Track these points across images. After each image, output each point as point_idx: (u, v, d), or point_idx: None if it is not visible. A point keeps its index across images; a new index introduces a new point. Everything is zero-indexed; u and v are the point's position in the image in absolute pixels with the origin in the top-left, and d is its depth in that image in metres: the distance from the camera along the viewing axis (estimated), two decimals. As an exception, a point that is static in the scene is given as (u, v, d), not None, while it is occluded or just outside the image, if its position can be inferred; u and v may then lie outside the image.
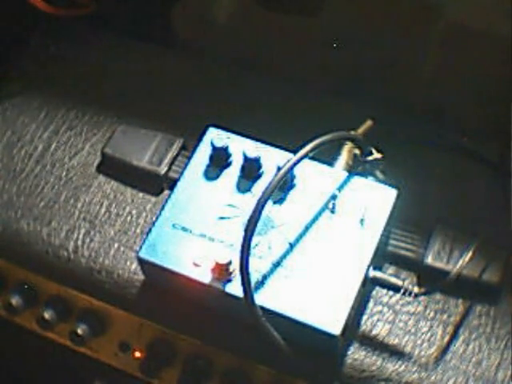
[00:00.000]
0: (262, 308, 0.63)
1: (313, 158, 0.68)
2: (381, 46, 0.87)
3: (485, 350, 0.67)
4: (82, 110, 0.82)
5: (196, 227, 0.68)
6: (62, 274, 0.74)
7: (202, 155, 0.72)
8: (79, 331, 0.73)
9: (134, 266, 0.72)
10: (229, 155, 0.71)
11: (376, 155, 0.72)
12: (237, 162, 0.71)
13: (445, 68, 0.87)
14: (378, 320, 0.69)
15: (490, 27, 0.82)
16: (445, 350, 0.67)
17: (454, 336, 0.68)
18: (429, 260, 0.69)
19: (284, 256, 0.66)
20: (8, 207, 0.77)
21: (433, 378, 0.67)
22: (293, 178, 0.69)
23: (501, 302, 0.69)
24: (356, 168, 0.72)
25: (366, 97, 0.85)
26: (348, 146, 0.72)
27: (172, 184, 0.72)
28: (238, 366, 0.70)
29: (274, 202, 0.69)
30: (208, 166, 0.71)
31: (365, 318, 0.69)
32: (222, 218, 0.69)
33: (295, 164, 0.64)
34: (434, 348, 0.68)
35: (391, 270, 0.71)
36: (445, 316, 0.69)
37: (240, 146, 0.71)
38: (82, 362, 0.78)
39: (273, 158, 0.70)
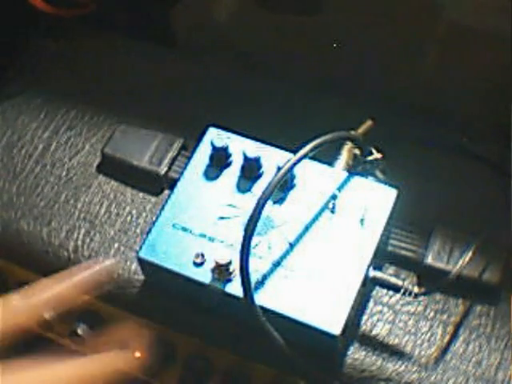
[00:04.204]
0: (262, 308, 0.63)
1: (313, 158, 0.68)
2: (381, 46, 0.87)
3: (485, 350, 0.67)
4: (82, 110, 0.82)
5: (196, 227, 0.68)
6: (62, 274, 0.74)
7: (201, 155, 0.72)
8: (79, 331, 0.73)
9: (134, 266, 0.72)
10: (229, 155, 0.71)
11: (376, 155, 0.72)
12: (237, 162, 0.71)
13: (445, 68, 0.87)
14: (378, 320, 0.69)
15: (490, 27, 0.82)
16: (445, 349, 0.67)
17: (454, 336, 0.68)
18: (429, 260, 0.69)
19: (284, 256, 0.66)
20: (8, 207, 0.77)
21: (433, 378, 0.67)
22: (293, 178, 0.69)
23: (501, 302, 0.69)
24: (356, 168, 0.72)
25: (366, 97, 0.85)
26: (348, 146, 0.72)
27: (172, 184, 0.72)
28: (238, 365, 0.70)
29: (274, 202, 0.69)
30: (208, 166, 0.71)
31: (365, 317, 0.69)
32: (222, 217, 0.69)
33: (295, 164, 0.64)
34: (434, 348, 0.68)
35: (391, 270, 0.71)
36: (445, 316, 0.69)
37: (240, 146, 0.71)
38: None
39: (273, 158, 0.70)
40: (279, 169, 0.64)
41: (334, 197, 0.68)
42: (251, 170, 0.70)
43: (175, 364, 0.73)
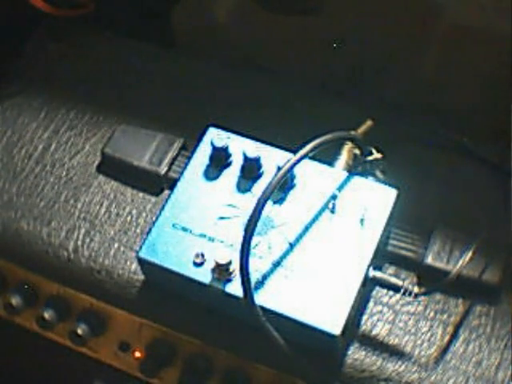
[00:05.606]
0: (262, 308, 0.63)
1: (313, 158, 0.68)
2: (381, 46, 0.87)
3: (485, 350, 0.67)
4: (82, 110, 0.82)
5: (196, 227, 0.68)
6: (62, 274, 0.74)
7: (202, 155, 0.72)
8: (79, 331, 0.73)
9: (134, 265, 0.72)
10: (229, 155, 0.71)
11: (376, 155, 0.72)
12: (237, 162, 0.71)
13: (445, 68, 0.87)
14: (378, 320, 0.69)
15: (490, 27, 0.82)
16: (445, 350, 0.67)
17: (454, 336, 0.68)
18: (429, 260, 0.69)
19: (284, 256, 0.66)
20: (8, 207, 0.77)
21: (433, 377, 0.67)
22: (293, 177, 0.69)
23: (501, 301, 0.69)
24: (356, 168, 0.72)
25: (366, 97, 0.85)
26: (348, 146, 0.72)
27: (172, 184, 0.72)
28: (238, 366, 0.70)
29: (274, 202, 0.69)
30: (208, 166, 0.71)
31: (365, 317, 0.69)
32: (222, 217, 0.69)
33: (295, 164, 0.64)
34: (434, 348, 0.68)
35: (391, 270, 0.71)
36: (445, 316, 0.69)
37: (240, 146, 0.71)
38: (82, 362, 0.78)
39: (273, 158, 0.70)
40: (279, 169, 0.64)
41: (334, 197, 0.68)
42: (251, 170, 0.70)
43: (175, 364, 0.73)
